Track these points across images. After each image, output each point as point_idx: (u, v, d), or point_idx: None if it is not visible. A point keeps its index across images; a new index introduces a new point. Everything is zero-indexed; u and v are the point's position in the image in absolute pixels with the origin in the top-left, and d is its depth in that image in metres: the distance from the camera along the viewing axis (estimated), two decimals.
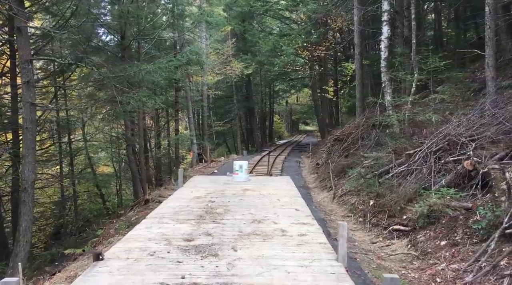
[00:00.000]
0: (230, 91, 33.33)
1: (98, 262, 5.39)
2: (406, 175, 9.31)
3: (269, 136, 47.51)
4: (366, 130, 15.68)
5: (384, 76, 13.82)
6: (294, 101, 62.73)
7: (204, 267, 5.19)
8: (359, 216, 10.05)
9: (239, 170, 13.35)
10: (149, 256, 5.62)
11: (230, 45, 27.80)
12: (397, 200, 8.61)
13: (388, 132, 13.77)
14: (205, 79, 26.81)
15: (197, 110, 31.27)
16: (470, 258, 6.04)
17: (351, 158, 14.95)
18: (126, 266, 5.26)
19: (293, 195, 10.70)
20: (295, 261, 5.43)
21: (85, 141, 24.89)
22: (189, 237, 6.51)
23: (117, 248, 5.99)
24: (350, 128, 16.51)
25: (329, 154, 16.99)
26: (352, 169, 14.04)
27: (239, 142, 34.90)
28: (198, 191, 11.06)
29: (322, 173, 16.60)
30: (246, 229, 7.04)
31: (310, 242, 6.31)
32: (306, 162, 24.52)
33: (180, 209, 8.67)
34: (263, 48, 27.08)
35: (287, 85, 44.42)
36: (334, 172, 14.35)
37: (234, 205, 9.18)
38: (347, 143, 15.87)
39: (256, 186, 12.08)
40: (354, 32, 18.62)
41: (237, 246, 6.07)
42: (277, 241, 6.36)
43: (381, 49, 13.78)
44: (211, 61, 26.98)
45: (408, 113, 10.83)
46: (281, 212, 8.46)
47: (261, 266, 5.23)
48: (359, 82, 18.68)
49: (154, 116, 26.46)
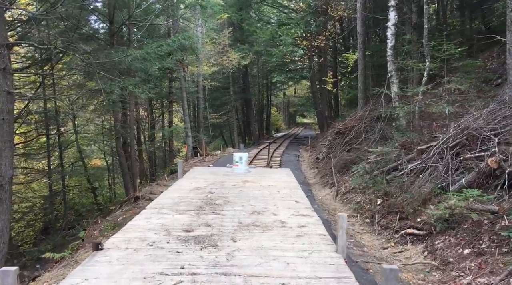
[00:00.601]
0: (227, 83, 32.34)
1: (97, 251, 5.32)
2: (419, 172, 8.49)
3: (267, 128, 46.62)
4: (370, 123, 14.86)
5: (391, 66, 12.95)
6: (291, 93, 61.74)
7: (203, 258, 5.18)
8: (366, 216, 9.24)
9: (239, 162, 13.31)
10: (148, 246, 5.59)
11: (227, 34, 26.78)
12: (410, 201, 7.80)
13: (394, 125, 12.95)
14: (201, 70, 25.82)
15: (193, 101, 30.32)
16: (502, 271, 5.24)
17: (354, 152, 14.13)
18: (125, 256, 5.22)
19: (293, 187, 10.69)
20: (294, 252, 5.43)
21: (76, 133, 23.95)
22: (188, 227, 6.50)
23: (116, 238, 5.95)
24: (353, 121, 15.68)
25: (330, 148, 16.16)
26: (355, 164, 13.24)
27: (235, 134, 34.00)
28: (197, 182, 10.99)
29: (323, 168, 15.79)
30: (246, 220, 7.04)
31: (309, 233, 6.32)
32: (305, 156, 23.71)
33: (179, 199, 8.65)
34: (261, 38, 26.15)
35: (285, 76, 43.45)
36: (336, 168, 13.54)
37: (234, 196, 9.16)
38: (350, 136, 15.04)
39: (256, 177, 12.05)
40: (357, 19, 17.69)
41: (236, 237, 6.06)
42: (276, 232, 6.36)
43: (387, 37, 12.90)
44: (207, 50, 26.03)
45: (419, 105, 9.98)
46: (281, 203, 8.47)
47: (261, 257, 5.23)
48: (362, 73, 17.81)
49: (147, 108, 25.50)
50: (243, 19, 28.55)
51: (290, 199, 8.95)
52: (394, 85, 12.98)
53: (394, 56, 12.92)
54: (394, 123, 12.88)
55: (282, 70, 37.41)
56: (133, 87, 9.06)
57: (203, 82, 27.51)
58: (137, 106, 25.56)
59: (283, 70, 37.75)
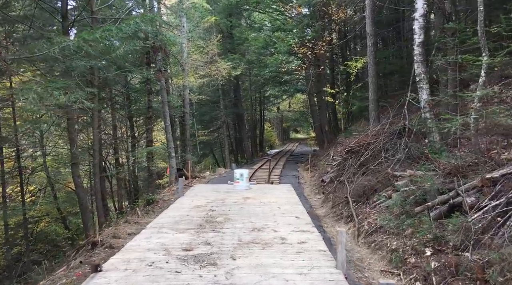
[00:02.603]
0: (217, 96, 29.58)
1: (96, 273, 5.29)
2: (498, 215, 5.68)
3: (260, 145, 43.79)
4: (390, 139, 12.12)
5: (419, 67, 10.28)
6: (285, 108, 59.23)
7: (202, 277, 5.18)
8: (414, 278, 6.37)
9: (240, 179, 13.47)
10: (147, 267, 5.58)
11: (215, 42, 24.13)
12: (497, 264, 4.96)
13: (427, 142, 10.22)
14: (187, 82, 23.06)
15: (180, 117, 27.43)
16: None
17: (372, 176, 11.32)
18: (124, 277, 5.20)
19: (294, 202, 10.76)
20: (294, 269, 5.44)
21: (44, 155, 20.93)
22: (188, 246, 6.51)
23: (116, 259, 5.91)
24: (369, 137, 12.92)
25: (341, 170, 13.33)
26: (377, 192, 10.46)
27: (227, 153, 31.07)
28: (199, 199, 11.11)
29: (333, 195, 12.91)
30: (246, 237, 7.07)
31: (309, 249, 6.34)
32: (306, 177, 20.86)
33: (180, 218, 8.69)
34: (253, 45, 23.52)
35: (279, 89, 40.92)
36: (353, 196, 10.70)
37: (234, 213, 9.19)
38: (365, 156, 12.26)
39: (257, 194, 12.16)
40: (366, 18, 15.15)
41: (236, 254, 6.08)
42: (276, 249, 6.38)
43: (414, 31, 10.25)
44: (192, 60, 23.38)
45: (475, 115, 7.24)
46: (281, 220, 8.54)
47: (260, 275, 5.23)
48: (373, 81, 15.16)
49: (126, 125, 22.57)
50: (233, 26, 26.00)
51: (290, 215, 9.04)
52: (423, 91, 10.28)
53: (423, 55, 10.25)
54: (427, 139, 10.15)
55: (276, 82, 34.81)
56: (58, 92, 6.20)
57: (190, 95, 24.73)
58: (100, 122, 22.67)
59: (277, 83, 35.14)
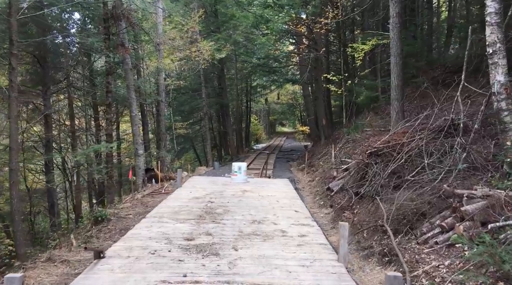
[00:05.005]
0: (198, 83, 25.83)
1: (99, 260, 5.37)
2: None
3: (246, 139, 40.24)
4: (434, 139, 8.77)
5: (494, 32, 6.87)
6: (273, 100, 55.70)
7: (205, 266, 5.31)
8: None
9: (238, 172, 13.49)
10: (150, 255, 5.71)
11: (197, 18, 20.37)
12: None
13: (501, 145, 6.88)
14: (162, 64, 19.32)
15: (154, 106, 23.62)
16: None
17: (412, 191, 7.89)
18: (127, 264, 5.32)
19: (292, 197, 11.07)
20: (296, 261, 5.61)
21: None
22: (189, 236, 6.67)
23: (118, 247, 6.03)
24: (398, 135, 9.55)
25: (361, 179, 9.88)
26: (425, 218, 7.10)
27: (209, 148, 27.44)
28: (196, 191, 11.30)
29: (349, 212, 9.49)
30: (246, 229, 7.27)
31: (310, 242, 6.53)
32: (303, 181, 17.45)
33: (179, 209, 8.84)
34: (242, 23, 19.85)
35: (267, 79, 37.34)
36: (391, 223, 7.26)
37: (233, 205, 9.36)
38: (398, 162, 8.85)
39: (255, 187, 12.30)
40: None
41: (237, 245, 6.26)
42: (277, 241, 6.57)
43: None
44: (170, 39, 19.65)
45: None
46: (281, 213, 8.76)
47: (262, 266, 5.36)
48: (397, 61, 11.83)
49: (87, 115, 18.72)
50: (218, 0, 22.20)
51: (289, 209, 9.28)
52: (498, 69, 6.91)
53: (499, 15, 6.90)
54: (500, 140, 6.81)
55: (265, 70, 31.19)
56: None
57: (166, 81, 21.00)
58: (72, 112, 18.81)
59: (266, 71, 31.52)
